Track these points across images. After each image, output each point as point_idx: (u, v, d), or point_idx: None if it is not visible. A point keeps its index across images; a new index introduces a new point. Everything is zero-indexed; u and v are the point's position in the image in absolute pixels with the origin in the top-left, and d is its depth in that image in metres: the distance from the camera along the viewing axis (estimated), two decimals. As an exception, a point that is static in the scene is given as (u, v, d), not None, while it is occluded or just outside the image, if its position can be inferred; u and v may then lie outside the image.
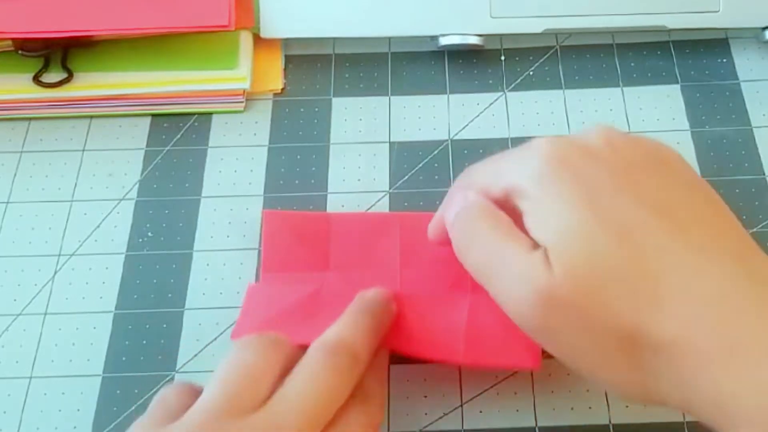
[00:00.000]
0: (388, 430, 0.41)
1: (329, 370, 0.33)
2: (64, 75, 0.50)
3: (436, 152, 0.49)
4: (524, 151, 0.36)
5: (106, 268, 0.45)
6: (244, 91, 0.50)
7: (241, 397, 0.32)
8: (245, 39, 0.51)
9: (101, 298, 0.44)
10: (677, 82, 0.51)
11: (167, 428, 0.31)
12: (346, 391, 0.33)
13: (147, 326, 0.43)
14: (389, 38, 0.53)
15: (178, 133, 0.50)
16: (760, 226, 0.46)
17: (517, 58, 0.52)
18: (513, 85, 0.51)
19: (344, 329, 0.36)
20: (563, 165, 0.34)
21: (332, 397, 0.33)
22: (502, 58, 0.52)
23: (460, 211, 0.37)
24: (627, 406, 0.40)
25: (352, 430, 0.33)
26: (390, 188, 0.47)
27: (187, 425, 0.31)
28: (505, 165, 0.36)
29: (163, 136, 0.50)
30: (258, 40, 0.52)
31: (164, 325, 0.43)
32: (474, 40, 0.51)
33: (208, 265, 0.45)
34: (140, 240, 0.46)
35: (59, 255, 0.46)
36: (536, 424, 0.40)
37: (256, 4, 0.51)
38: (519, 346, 0.39)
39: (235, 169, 0.48)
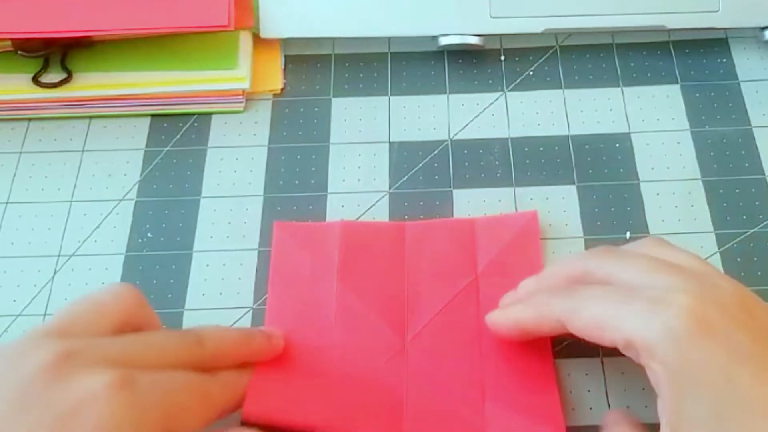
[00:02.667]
0: (389, 430, 0.40)
1: (168, 337, 0.37)
2: (64, 75, 0.49)
3: (436, 152, 0.49)
4: (658, 303, 0.33)
5: (106, 268, 0.45)
6: (243, 91, 0.50)
7: (74, 324, 0.34)
8: (245, 39, 0.51)
9: (101, 298, 0.44)
10: (677, 82, 0.51)
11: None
12: (177, 355, 0.35)
13: (147, 327, 0.43)
14: (389, 38, 0.53)
15: (178, 133, 0.50)
16: (760, 226, 0.46)
17: (517, 58, 0.52)
18: (513, 85, 0.51)
19: (206, 327, 0.39)
20: (711, 334, 0.32)
21: (159, 352, 0.35)
22: (502, 58, 0.52)
23: None
24: (628, 407, 0.40)
25: (166, 383, 0.34)
26: (390, 188, 0.47)
27: (14, 341, 0.34)
28: (631, 310, 0.34)
29: (163, 137, 0.50)
30: (258, 40, 0.52)
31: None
32: (474, 40, 0.51)
33: (207, 265, 0.45)
34: (140, 240, 0.46)
35: (59, 255, 0.46)
36: (537, 425, 0.40)
37: (256, 4, 0.51)
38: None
39: (235, 169, 0.48)
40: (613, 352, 0.35)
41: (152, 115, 0.50)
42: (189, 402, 0.34)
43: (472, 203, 0.47)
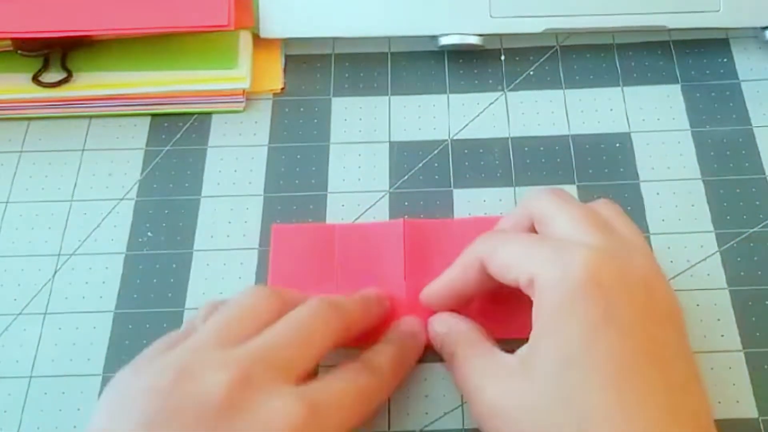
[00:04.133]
0: (389, 429, 0.40)
1: (314, 316, 0.37)
2: (64, 75, 0.49)
3: (436, 152, 0.49)
4: (563, 251, 0.35)
5: (106, 267, 0.45)
6: (243, 91, 0.50)
7: (231, 332, 0.35)
8: (245, 39, 0.51)
9: (101, 297, 0.44)
10: (677, 82, 0.51)
11: (163, 355, 0.34)
12: (320, 341, 0.36)
13: (147, 326, 0.43)
14: (389, 38, 0.53)
15: (178, 132, 0.50)
16: (760, 226, 0.46)
17: (517, 58, 0.52)
18: (513, 85, 0.51)
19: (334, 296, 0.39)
20: (597, 291, 0.34)
21: (314, 340, 0.36)
22: (502, 57, 0.52)
23: (449, 332, 0.40)
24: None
25: (339, 386, 0.35)
26: (390, 188, 0.47)
27: (177, 354, 0.34)
28: (539, 254, 0.36)
29: (163, 136, 0.50)
30: (257, 39, 0.52)
31: (164, 325, 0.43)
32: (474, 40, 0.51)
33: (208, 265, 0.45)
34: (140, 240, 0.46)
35: (59, 255, 0.46)
36: (537, 424, 0.40)
37: (256, 3, 0.51)
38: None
39: (235, 168, 0.48)
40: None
41: (152, 115, 0.50)
42: (359, 407, 0.36)
43: (473, 203, 0.47)
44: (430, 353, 0.42)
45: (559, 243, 0.36)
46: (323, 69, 0.52)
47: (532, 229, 0.39)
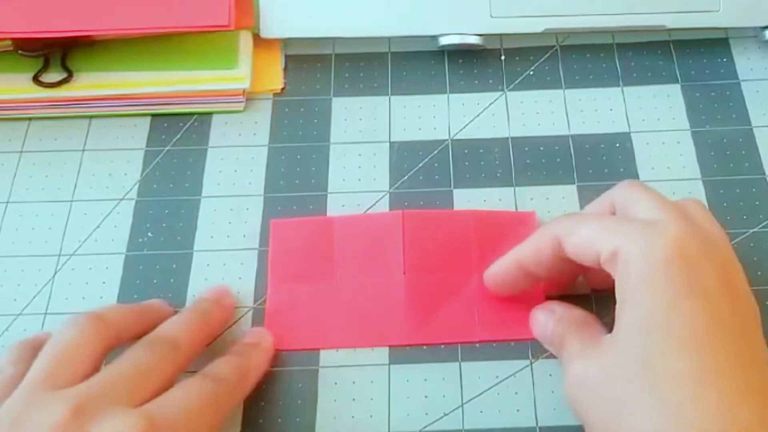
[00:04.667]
0: (389, 429, 0.41)
1: (147, 353, 0.37)
2: (64, 75, 0.49)
3: (436, 152, 0.49)
4: (649, 227, 0.35)
5: (106, 268, 0.45)
6: (243, 91, 0.50)
7: (60, 372, 0.35)
8: (245, 39, 0.51)
9: (101, 298, 0.44)
10: (677, 82, 0.51)
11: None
12: (165, 371, 0.37)
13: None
14: (389, 38, 0.53)
15: (178, 133, 0.50)
16: (760, 226, 0.46)
17: (517, 58, 0.52)
18: (513, 85, 0.51)
19: (167, 324, 0.39)
20: (682, 262, 0.34)
21: (149, 375, 0.36)
22: (502, 57, 0.52)
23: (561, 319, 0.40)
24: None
25: (180, 398, 0.35)
26: (390, 188, 0.47)
27: (10, 403, 0.34)
28: (624, 229, 0.36)
29: (163, 136, 0.50)
30: (258, 39, 0.52)
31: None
32: (474, 40, 0.51)
33: (208, 265, 0.45)
34: (140, 240, 0.46)
35: (59, 255, 0.46)
36: (537, 424, 0.40)
37: (256, 4, 0.51)
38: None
39: (235, 168, 0.48)
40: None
41: (152, 115, 0.50)
42: (205, 414, 0.36)
43: (473, 203, 0.47)
44: (430, 353, 0.42)
45: (645, 221, 0.36)
46: (323, 69, 0.52)
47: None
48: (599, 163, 0.48)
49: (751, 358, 0.34)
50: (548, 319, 0.40)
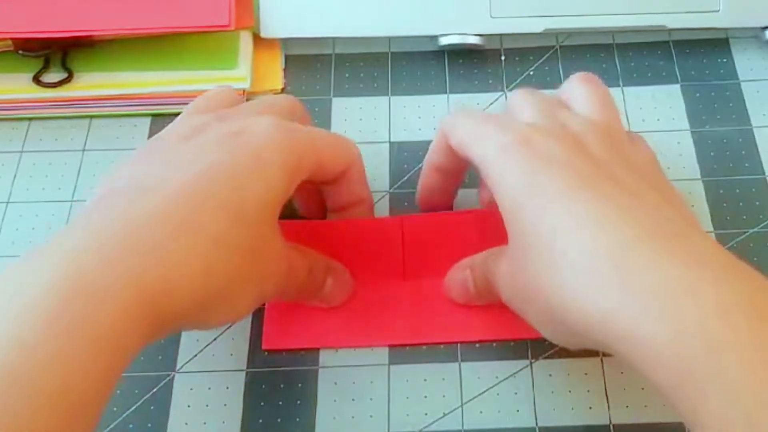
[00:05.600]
0: (388, 430, 0.41)
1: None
2: (64, 75, 0.50)
3: (436, 152, 0.49)
4: (503, 129, 0.37)
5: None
6: (244, 91, 0.50)
7: (207, 107, 0.41)
8: (245, 39, 0.51)
9: (101, 298, 0.44)
10: (677, 82, 0.51)
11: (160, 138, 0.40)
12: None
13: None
14: (389, 38, 0.53)
15: (178, 133, 0.50)
16: (761, 225, 0.46)
17: (517, 58, 0.52)
18: (513, 85, 0.51)
19: None
20: (528, 148, 0.35)
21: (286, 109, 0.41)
22: (502, 57, 0.52)
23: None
24: (627, 406, 0.40)
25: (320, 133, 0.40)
26: (390, 188, 0.48)
27: (169, 129, 0.40)
28: (481, 133, 0.37)
29: (164, 136, 0.50)
30: (258, 39, 0.52)
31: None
32: (474, 40, 0.51)
33: (208, 265, 0.45)
34: (140, 240, 0.46)
35: (59, 255, 0.46)
36: (536, 424, 0.40)
37: (256, 3, 0.51)
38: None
39: (235, 169, 0.48)
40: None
41: (153, 115, 0.50)
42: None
43: (473, 203, 0.47)
44: (429, 354, 0.42)
45: (503, 121, 0.37)
46: (323, 69, 0.52)
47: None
48: (599, 163, 0.48)
49: (629, 190, 0.34)
50: (465, 274, 0.42)
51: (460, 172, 0.43)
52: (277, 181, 0.35)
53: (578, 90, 0.40)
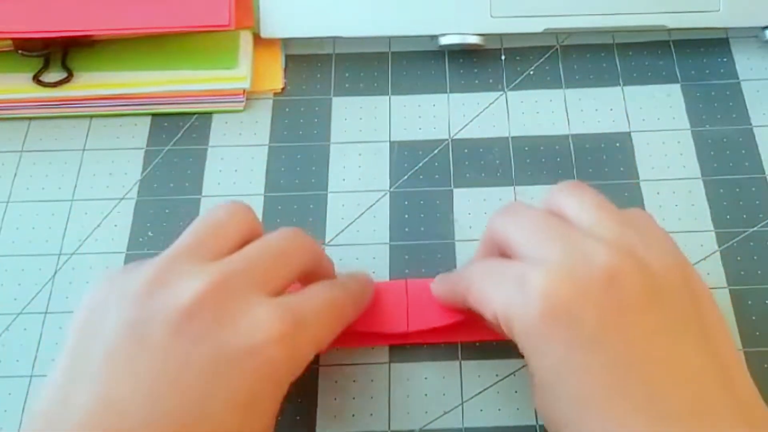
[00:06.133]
0: (389, 428, 0.41)
1: (289, 239, 0.37)
2: (64, 75, 0.50)
3: (436, 152, 0.49)
4: (519, 286, 0.33)
5: (107, 267, 0.45)
6: (244, 91, 0.50)
7: (204, 246, 0.35)
8: (245, 38, 0.51)
9: (101, 297, 0.44)
10: (677, 82, 0.51)
11: (138, 268, 0.34)
12: (297, 261, 0.36)
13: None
14: (389, 38, 0.53)
15: (179, 132, 0.50)
16: (760, 225, 0.46)
17: (517, 58, 0.52)
18: (513, 85, 0.51)
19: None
20: (559, 313, 0.32)
21: (285, 263, 0.36)
22: (503, 57, 0.52)
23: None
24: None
25: (315, 297, 0.36)
26: (390, 188, 0.48)
27: (150, 265, 0.34)
28: (498, 291, 0.35)
29: (164, 136, 0.50)
30: (258, 39, 0.52)
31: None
32: (474, 40, 0.51)
33: (208, 264, 0.45)
34: (140, 239, 0.46)
35: (60, 254, 0.46)
36: (537, 423, 0.40)
37: (256, 3, 0.51)
38: None
39: (236, 168, 0.48)
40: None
41: (153, 115, 0.50)
42: (333, 317, 0.37)
43: (473, 202, 0.47)
44: (430, 352, 0.42)
45: (516, 272, 0.34)
46: (323, 69, 0.52)
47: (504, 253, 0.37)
48: (599, 163, 0.48)
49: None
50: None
51: None
52: (277, 402, 0.34)
53: (577, 203, 0.36)
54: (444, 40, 0.51)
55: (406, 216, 0.46)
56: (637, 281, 0.33)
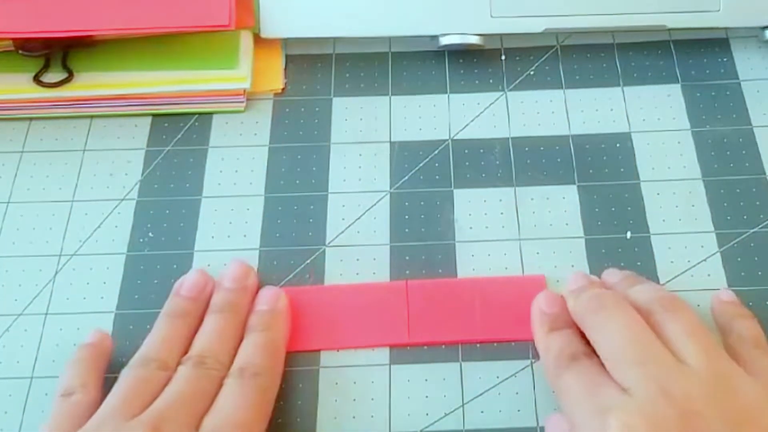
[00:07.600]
0: (390, 430, 0.41)
1: (198, 376, 0.39)
2: (65, 75, 0.49)
3: (436, 152, 0.49)
4: (599, 417, 0.35)
5: (107, 268, 0.45)
6: (244, 91, 0.50)
7: (131, 403, 0.37)
8: (245, 39, 0.51)
9: (102, 298, 0.44)
10: (678, 82, 0.51)
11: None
12: (211, 386, 0.39)
13: (148, 326, 0.43)
14: (389, 38, 0.53)
15: (179, 133, 0.50)
16: (761, 225, 0.46)
17: (517, 58, 0.52)
18: (513, 85, 0.51)
19: (205, 341, 0.41)
20: None
21: (203, 395, 0.38)
22: (503, 57, 0.52)
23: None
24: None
25: (227, 411, 0.38)
26: (390, 188, 0.48)
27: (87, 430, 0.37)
28: (580, 413, 0.36)
29: (164, 136, 0.50)
30: (258, 39, 0.52)
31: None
32: (474, 40, 0.51)
33: (209, 265, 0.45)
34: (141, 240, 0.46)
35: (60, 255, 0.46)
36: (537, 424, 0.41)
37: (257, 3, 0.51)
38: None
39: (236, 168, 0.48)
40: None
41: (153, 115, 0.50)
42: (258, 411, 0.39)
43: (473, 203, 0.47)
44: (430, 354, 0.42)
45: (601, 402, 0.35)
46: (324, 69, 0.52)
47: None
48: (600, 163, 0.48)
49: None
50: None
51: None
52: None
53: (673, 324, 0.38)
54: (444, 41, 0.51)
55: (407, 217, 0.46)
56: (716, 417, 0.34)
